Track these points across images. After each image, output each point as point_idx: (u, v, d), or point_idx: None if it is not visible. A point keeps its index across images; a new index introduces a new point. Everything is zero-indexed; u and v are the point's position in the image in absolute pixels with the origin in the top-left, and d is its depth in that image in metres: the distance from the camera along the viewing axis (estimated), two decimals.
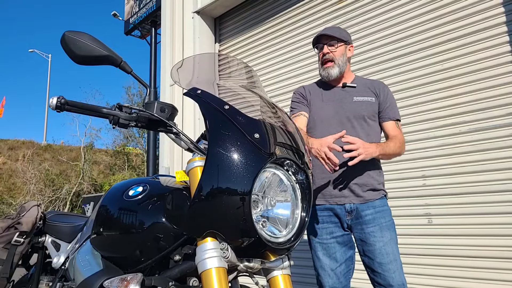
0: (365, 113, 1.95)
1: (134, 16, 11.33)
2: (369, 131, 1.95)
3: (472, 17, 2.89)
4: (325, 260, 1.90)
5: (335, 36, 1.99)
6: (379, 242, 1.83)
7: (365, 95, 1.99)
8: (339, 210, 1.90)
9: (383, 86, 2.05)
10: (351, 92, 2.00)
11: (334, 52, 1.99)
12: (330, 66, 1.99)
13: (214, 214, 1.05)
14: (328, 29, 2.05)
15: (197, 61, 1.50)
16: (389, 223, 1.89)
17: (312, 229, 1.96)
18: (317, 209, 1.95)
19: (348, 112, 1.95)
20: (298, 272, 3.46)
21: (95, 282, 1.18)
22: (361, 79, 2.12)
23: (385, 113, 1.99)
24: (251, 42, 4.47)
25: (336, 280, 1.87)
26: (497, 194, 2.64)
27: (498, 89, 2.71)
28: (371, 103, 1.98)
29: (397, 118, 2.00)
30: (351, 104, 1.97)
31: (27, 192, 18.27)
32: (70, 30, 1.19)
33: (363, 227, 1.86)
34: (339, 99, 2.00)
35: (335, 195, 1.90)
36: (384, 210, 1.90)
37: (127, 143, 20.91)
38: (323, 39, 2.02)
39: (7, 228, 1.84)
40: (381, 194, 1.92)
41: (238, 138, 1.08)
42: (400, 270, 1.82)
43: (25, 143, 23.14)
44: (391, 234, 1.86)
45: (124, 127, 1.20)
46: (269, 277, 1.17)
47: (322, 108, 2.00)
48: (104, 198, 1.42)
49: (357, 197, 1.88)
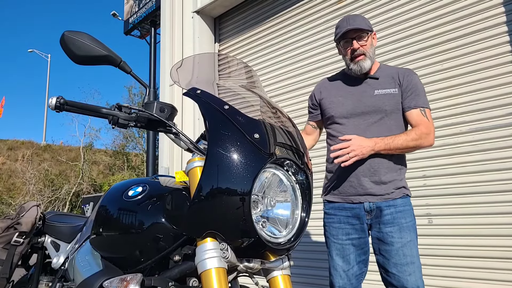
0: (387, 107, 1.83)
1: (134, 16, 11.33)
2: (390, 125, 1.84)
3: (472, 17, 2.89)
4: (338, 261, 1.85)
5: (364, 28, 1.86)
6: (397, 243, 1.75)
7: (387, 87, 1.87)
8: (358, 210, 1.83)
9: (408, 73, 1.90)
10: (373, 85, 1.90)
11: (364, 46, 1.88)
12: (362, 59, 1.87)
13: (214, 214, 1.04)
14: (355, 21, 1.88)
15: (197, 61, 1.50)
16: (410, 224, 1.80)
17: (329, 227, 1.91)
18: (335, 207, 1.89)
19: (368, 107, 1.85)
20: (298, 272, 3.46)
21: (94, 282, 1.18)
22: (387, 68, 1.98)
23: (407, 102, 1.84)
24: (251, 42, 4.47)
25: (347, 282, 1.83)
26: (497, 194, 2.63)
27: (498, 89, 2.71)
28: (393, 95, 1.85)
29: (421, 106, 1.83)
30: (371, 98, 1.86)
31: (26, 192, 18.26)
32: (70, 30, 1.19)
33: (381, 226, 1.79)
34: (359, 93, 1.90)
35: (353, 193, 1.83)
36: (405, 210, 1.81)
37: (127, 143, 20.91)
38: (350, 33, 1.87)
39: (7, 228, 1.84)
40: (402, 192, 1.83)
41: (238, 138, 1.08)
42: (417, 274, 1.74)
43: (25, 143, 23.13)
44: (411, 236, 1.78)
45: (124, 127, 1.20)
46: (269, 277, 1.17)
47: (342, 104, 1.91)
48: (103, 198, 1.42)
49: (375, 195, 1.80)
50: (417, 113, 1.83)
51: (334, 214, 1.90)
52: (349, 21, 1.89)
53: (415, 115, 1.83)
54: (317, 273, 3.42)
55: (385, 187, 1.81)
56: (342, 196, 1.88)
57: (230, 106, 1.14)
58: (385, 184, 1.81)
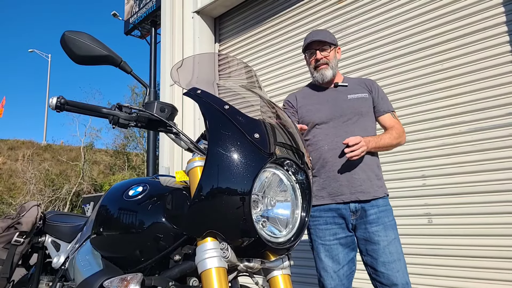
0: (362, 109, 1.98)
1: (134, 16, 11.33)
2: (366, 126, 1.98)
3: (472, 17, 2.89)
4: (328, 262, 1.88)
5: (327, 41, 2.03)
6: (383, 241, 1.83)
7: (358, 92, 2.03)
8: (344, 210, 1.89)
9: (372, 81, 2.11)
10: (344, 91, 2.04)
11: (327, 56, 2.04)
12: (324, 68, 2.02)
13: (214, 214, 1.05)
14: (318, 35, 2.08)
15: (197, 61, 1.50)
16: (393, 222, 1.90)
17: (315, 230, 1.95)
18: (321, 209, 1.93)
19: (345, 110, 1.97)
20: (298, 272, 3.46)
21: (95, 282, 1.18)
22: (350, 79, 2.17)
23: (380, 106, 2.04)
24: (251, 42, 4.47)
25: (339, 282, 1.86)
26: (496, 194, 2.64)
27: (498, 89, 2.71)
28: (365, 99, 2.02)
29: (392, 110, 2.06)
30: (346, 102, 1.99)
31: (27, 192, 18.27)
32: (70, 30, 1.19)
33: (367, 226, 1.86)
34: (333, 99, 2.02)
35: (343, 192, 1.89)
36: (387, 210, 1.91)
37: (128, 143, 20.92)
38: (314, 45, 2.05)
39: (7, 228, 1.84)
40: (383, 192, 1.93)
41: (238, 138, 1.08)
42: (404, 270, 1.82)
43: (25, 143, 23.14)
44: (394, 233, 1.87)
45: (124, 127, 1.20)
46: (269, 277, 1.17)
47: (319, 111, 2.01)
48: (104, 198, 1.42)
49: (364, 192, 1.87)
50: (389, 116, 2.04)
51: (319, 216, 1.93)
52: (314, 34, 2.10)
53: (388, 118, 2.04)
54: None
55: (374, 184, 1.91)
56: (331, 196, 1.91)
57: (230, 106, 1.14)
58: (374, 180, 1.91)
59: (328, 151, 1.92)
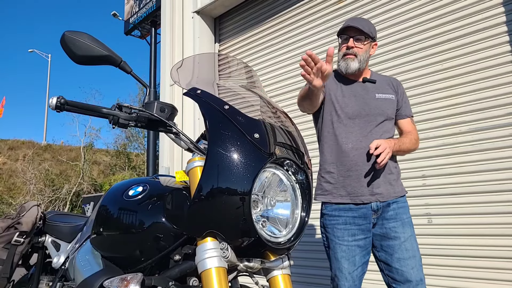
0: (388, 111, 1.92)
1: (134, 16, 11.33)
2: (389, 129, 1.93)
3: (472, 17, 2.89)
4: (344, 263, 1.83)
5: (364, 31, 1.89)
6: (400, 238, 1.81)
7: (385, 92, 1.95)
8: (365, 209, 1.84)
9: (398, 82, 2.04)
10: (372, 88, 1.94)
11: (359, 48, 1.91)
12: (351, 58, 1.90)
13: (214, 214, 1.05)
14: (357, 21, 1.92)
15: (197, 61, 1.50)
16: (410, 220, 1.87)
17: (332, 229, 1.88)
18: (341, 208, 1.87)
19: (372, 109, 1.89)
20: (298, 272, 3.47)
21: (95, 282, 1.18)
22: (379, 75, 2.07)
23: (403, 110, 1.98)
24: (251, 42, 4.47)
25: (352, 283, 1.82)
26: (497, 194, 2.64)
27: (498, 89, 2.71)
28: (392, 101, 1.95)
29: (412, 115, 2.02)
30: (374, 101, 1.91)
31: (27, 192, 18.27)
32: (70, 30, 1.19)
33: (384, 222, 1.84)
34: (361, 95, 1.93)
35: (360, 193, 1.83)
36: (405, 207, 1.89)
37: (129, 142, 20.93)
38: (350, 31, 1.90)
39: (7, 228, 1.84)
40: (403, 191, 1.91)
41: (238, 138, 1.08)
42: (419, 266, 1.80)
43: (25, 143, 23.14)
44: (411, 230, 1.85)
45: (124, 127, 1.20)
46: (269, 277, 1.17)
47: (346, 104, 1.91)
48: (104, 198, 1.42)
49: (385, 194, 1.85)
50: (409, 121, 2.01)
51: (338, 215, 1.87)
52: (354, 20, 1.94)
53: (408, 123, 2.01)
54: (317, 273, 3.42)
55: (395, 185, 1.88)
56: (351, 196, 1.85)
57: (230, 106, 1.14)
58: (395, 182, 1.89)
59: (351, 150, 1.86)
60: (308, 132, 3.69)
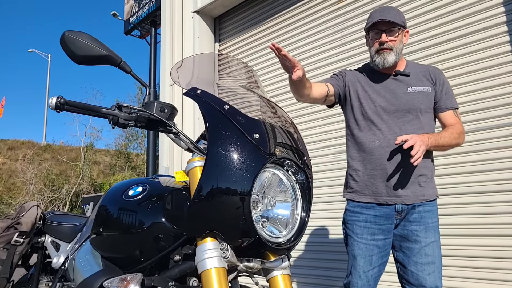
0: (422, 106, 1.80)
1: (134, 16, 11.32)
2: (424, 124, 1.80)
3: (472, 17, 2.89)
4: (360, 261, 1.79)
5: (396, 22, 1.79)
6: (420, 242, 1.74)
7: (420, 84, 1.84)
8: (388, 210, 1.77)
9: (439, 72, 1.90)
10: (404, 82, 1.85)
11: (393, 41, 1.81)
12: (387, 51, 1.81)
13: (214, 214, 1.05)
14: (388, 14, 1.82)
15: (197, 61, 1.50)
16: (435, 224, 1.78)
17: (352, 225, 1.84)
18: (363, 206, 1.82)
19: (402, 105, 1.80)
20: (298, 272, 3.46)
21: (95, 282, 1.18)
22: (414, 65, 1.94)
23: (443, 102, 1.84)
24: (251, 42, 4.47)
25: (366, 283, 1.79)
26: (497, 194, 2.64)
27: (498, 89, 2.71)
28: (427, 94, 1.82)
29: (455, 107, 1.86)
30: (405, 95, 1.81)
31: (26, 192, 18.27)
32: (70, 30, 1.19)
33: (406, 224, 1.77)
34: (391, 90, 1.84)
35: (386, 194, 1.77)
36: (432, 210, 1.79)
37: (130, 142, 20.93)
38: (381, 25, 1.81)
39: (7, 228, 1.84)
40: (433, 195, 1.80)
41: (238, 138, 1.08)
42: (436, 274, 1.73)
43: (25, 143, 23.14)
44: (435, 236, 1.76)
45: (124, 127, 1.20)
46: (269, 277, 1.17)
47: (374, 101, 1.84)
48: (103, 198, 1.42)
49: (407, 196, 1.76)
50: (451, 114, 1.85)
51: (360, 212, 1.83)
52: (383, 12, 1.84)
53: (450, 116, 1.85)
54: (320, 273, 3.42)
55: (425, 188, 1.78)
56: (375, 196, 1.80)
57: (230, 106, 1.14)
58: (425, 184, 1.78)
59: (378, 148, 1.78)
60: (308, 132, 3.69)
